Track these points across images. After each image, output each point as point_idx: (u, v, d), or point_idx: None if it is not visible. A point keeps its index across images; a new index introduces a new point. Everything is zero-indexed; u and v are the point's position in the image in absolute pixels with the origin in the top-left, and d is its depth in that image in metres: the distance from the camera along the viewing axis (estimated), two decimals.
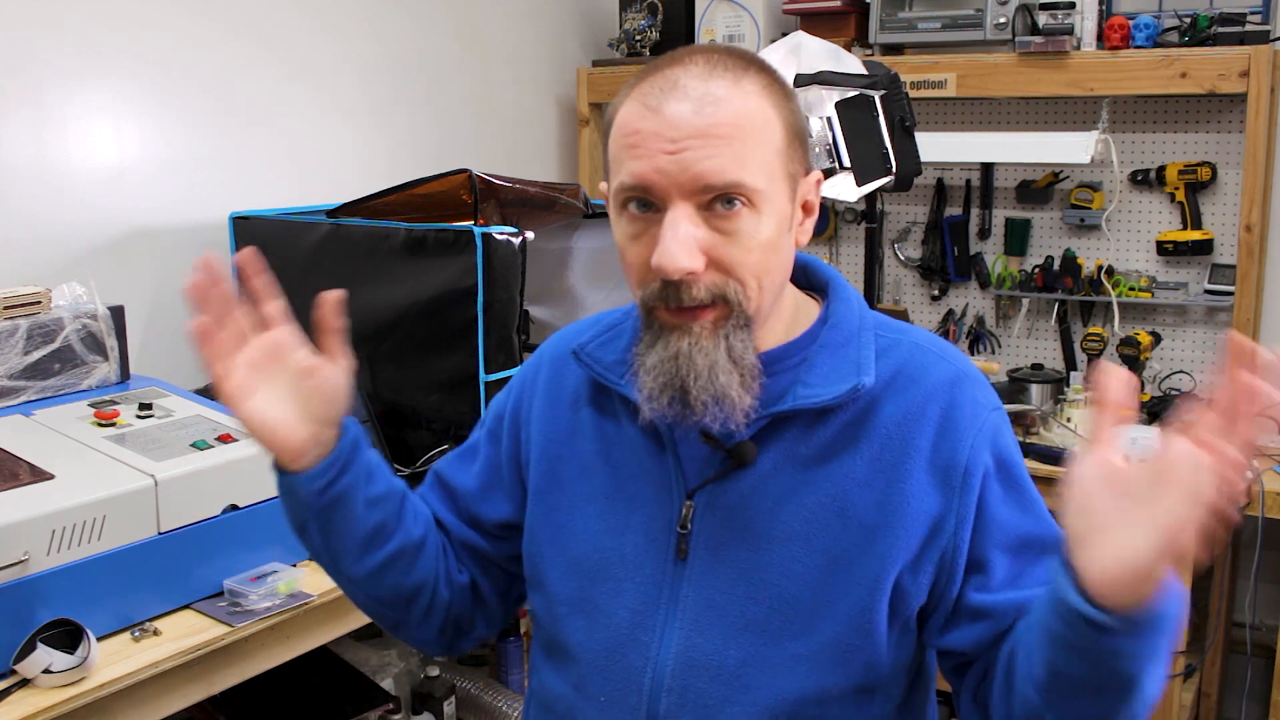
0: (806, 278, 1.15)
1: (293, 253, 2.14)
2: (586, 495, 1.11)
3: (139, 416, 1.66)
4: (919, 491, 1.02)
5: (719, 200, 0.96)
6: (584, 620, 1.09)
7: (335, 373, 1.06)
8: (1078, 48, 2.68)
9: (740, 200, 0.96)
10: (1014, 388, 2.84)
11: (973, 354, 3.11)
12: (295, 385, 1.05)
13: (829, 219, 3.24)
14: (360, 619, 1.73)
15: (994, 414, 1.07)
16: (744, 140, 0.96)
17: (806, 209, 1.05)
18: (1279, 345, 0.82)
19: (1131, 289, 2.86)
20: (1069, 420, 2.67)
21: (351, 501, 1.10)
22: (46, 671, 1.33)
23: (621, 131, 1.00)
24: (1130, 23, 2.63)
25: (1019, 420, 2.74)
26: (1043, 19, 2.70)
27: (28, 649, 1.34)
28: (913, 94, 2.66)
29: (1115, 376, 0.87)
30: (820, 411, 1.04)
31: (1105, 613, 0.85)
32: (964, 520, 1.03)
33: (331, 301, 1.06)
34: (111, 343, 1.78)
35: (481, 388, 1.94)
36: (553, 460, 1.14)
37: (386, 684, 2.15)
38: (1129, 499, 0.85)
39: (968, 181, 3.08)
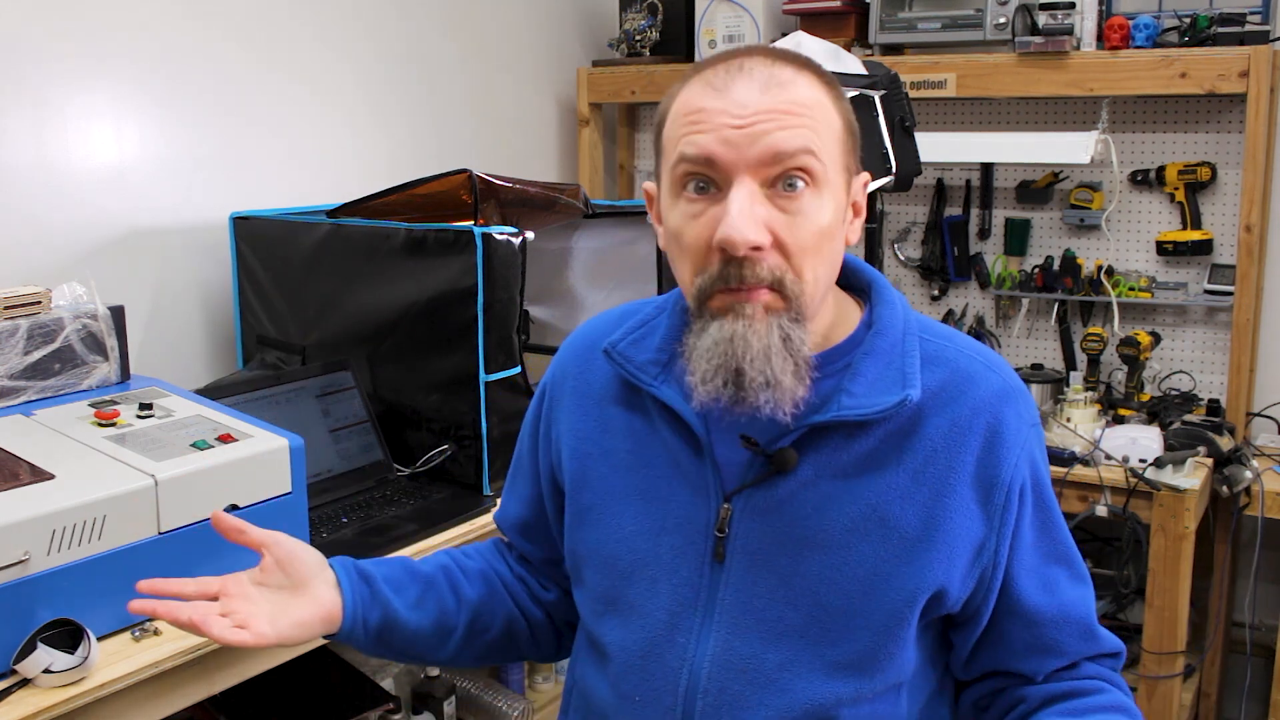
0: (847, 278, 1.13)
1: (293, 253, 2.14)
2: (619, 495, 1.10)
3: (139, 416, 1.66)
4: (962, 508, 1.02)
5: (783, 180, 0.95)
6: (618, 620, 1.09)
7: (281, 547, 1.13)
8: (1077, 48, 2.68)
9: (804, 180, 0.96)
10: None
11: None
12: (271, 587, 1.12)
13: None
14: None
15: (1033, 431, 1.06)
16: (812, 119, 0.96)
17: (855, 209, 1.05)
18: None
19: (1131, 289, 2.86)
20: (1069, 420, 2.68)
21: (397, 620, 1.16)
22: (47, 671, 1.33)
23: (683, 110, 0.99)
24: (1130, 23, 2.63)
25: None
26: (1042, 19, 2.70)
27: (28, 649, 1.34)
28: (913, 94, 2.66)
29: None
30: (863, 421, 1.02)
31: None
32: (1004, 538, 1.04)
33: (225, 523, 1.14)
34: (112, 343, 1.78)
35: (481, 388, 1.94)
36: (583, 459, 1.14)
37: (386, 684, 2.15)
38: None
39: (968, 181, 3.08)
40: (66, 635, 1.38)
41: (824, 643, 1.02)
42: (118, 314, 1.79)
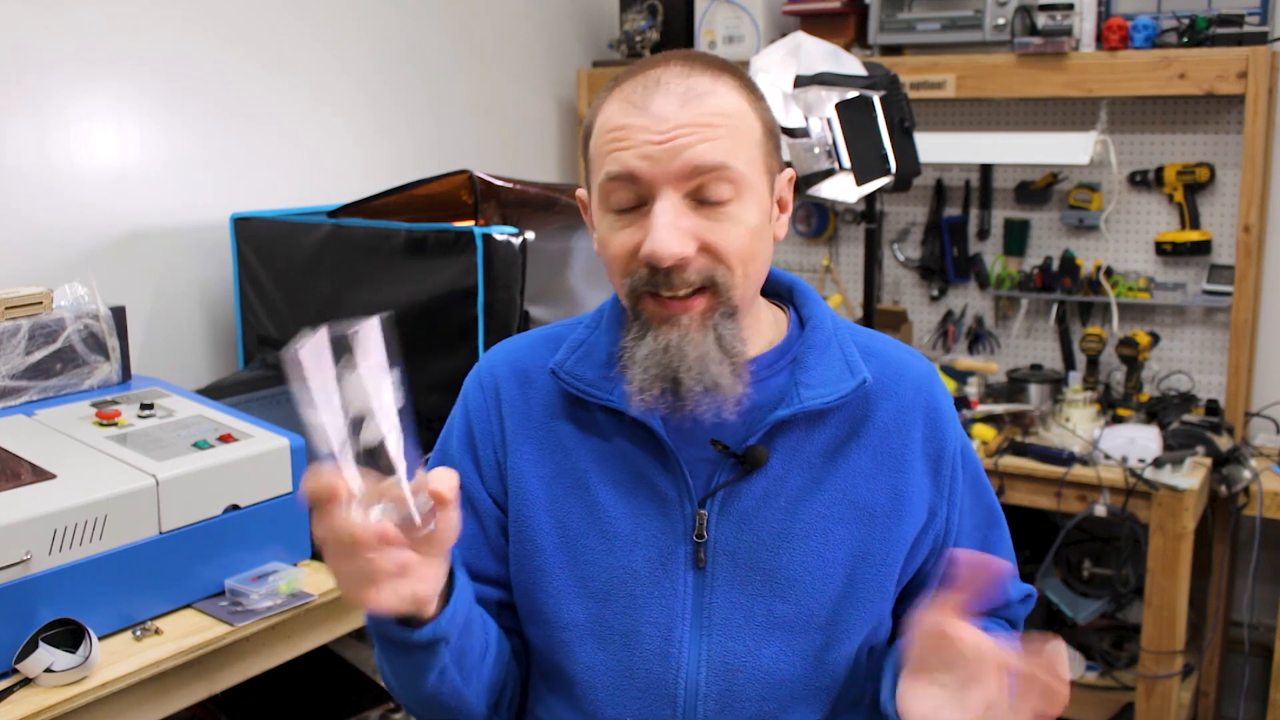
0: (764, 286, 1.15)
1: (294, 253, 2.15)
2: (583, 515, 1.08)
3: (140, 416, 1.67)
4: (918, 480, 1.08)
5: (706, 189, 0.98)
6: (596, 644, 1.07)
7: (453, 518, 0.90)
8: (1076, 48, 2.68)
9: (727, 186, 0.98)
10: (1013, 388, 2.85)
11: (972, 354, 3.11)
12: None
13: (829, 219, 3.24)
14: (361, 618, 1.73)
15: (954, 409, 1.15)
16: (729, 129, 0.99)
17: (781, 205, 1.09)
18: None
19: (1130, 289, 2.87)
20: (1067, 420, 2.68)
21: (474, 610, 1.03)
22: (48, 671, 1.34)
23: (605, 129, 1.01)
24: (1129, 23, 2.64)
25: (1018, 420, 2.74)
26: (1041, 20, 2.70)
27: (29, 648, 1.34)
28: (912, 95, 2.66)
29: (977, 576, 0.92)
30: (821, 411, 1.06)
31: None
32: (953, 506, 1.10)
33: (449, 482, 0.88)
34: (113, 343, 1.79)
35: None
36: (535, 482, 1.10)
37: None
38: (949, 674, 0.93)
39: (967, 182, 3.08)
40: (68, 635, 1.38)
41: (813, 628, 1.05)
42: (119, 314, 1.80)
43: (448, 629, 0.96)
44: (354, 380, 0.83)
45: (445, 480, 0.87)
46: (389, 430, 0.84)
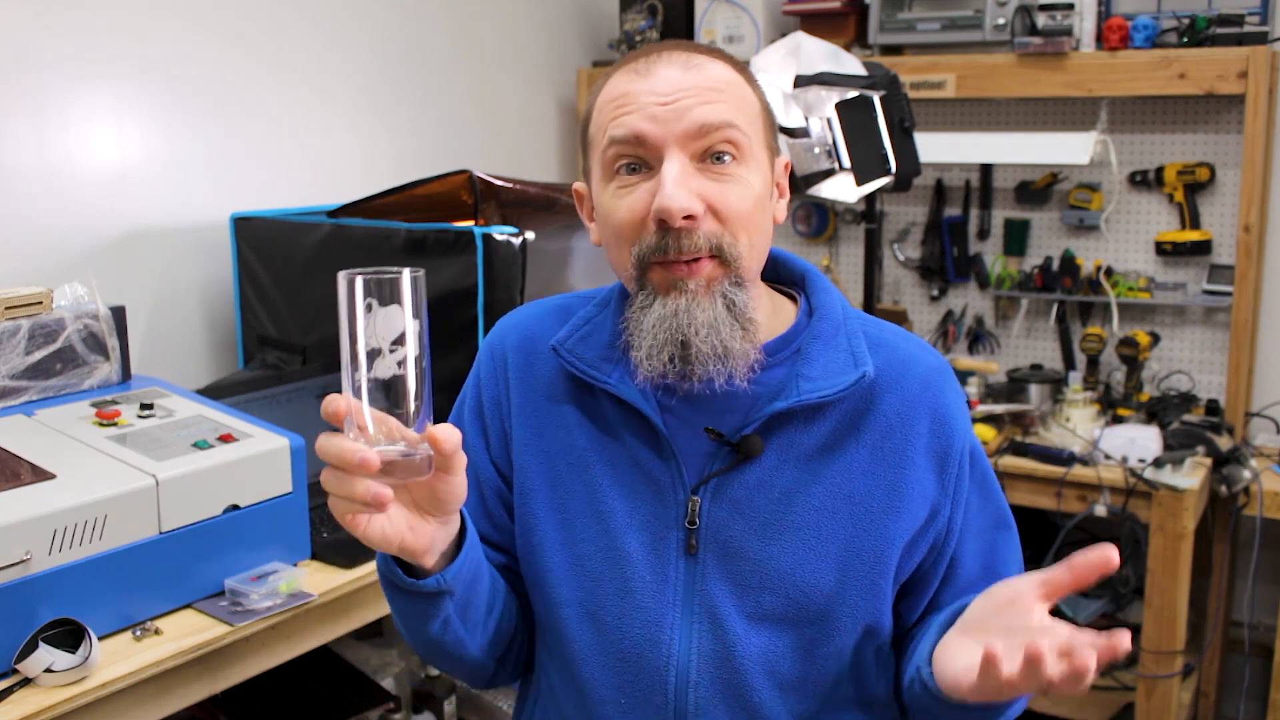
0: (778, 272, 1.16)
1: (294, 253, 2.15)
2: (580, 495, 1.09)
3: (140, 416, 1.67)
4: (920, 477, 1.06)
5: (711, 153, 1.00)
6: (591, 624, 1.08)
7: (455, 483, 0.93)
8: (1076, 48, 2.68)
9: (731, 152, 1.00)
10: (1013, 388, 2.85)
11: (972, 354, 3.11)
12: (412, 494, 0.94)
13: (829, 219, 3.24)
14: (361, 618, 1.73)
15: (966, 405, 1.13)
16: (732, 95, 1.02)
17: (780, 189, 1.10)
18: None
19: (1130, 289, 2.87)
20: (1067, 420, 2.68)
21: (483, 567, 1.05)
22: (48, 671, 1.34)
23: (608, 99, 1.03)
24: (1129, 23, 2.64)
25: (1018, 420, 2.74)
26: (1041, 20, 2.70)
27: (29, 648, 1.34)
28: (912, 95, 2.66)
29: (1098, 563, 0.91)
30: (821, 404, 1.05)
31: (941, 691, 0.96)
32: (957, 505, 1.09)
33: (451, 436, 0.89)
34: (113, 343, 1.79)
35: None
36: (537, 456, 1.11)
37: (387, 683, 2.15)
38: (1001, 639, 0.91)
39: (967, 182, 3.08)
40: (68, 635, 1.38)
41: (803, 621, 1.05)
42: (119, 314, 1.80)
43: (452, 583, 0.99)
44: (377, 317, 0.88)
45: (447, 433, 0.88)
46: (402, 370, 0.88)
